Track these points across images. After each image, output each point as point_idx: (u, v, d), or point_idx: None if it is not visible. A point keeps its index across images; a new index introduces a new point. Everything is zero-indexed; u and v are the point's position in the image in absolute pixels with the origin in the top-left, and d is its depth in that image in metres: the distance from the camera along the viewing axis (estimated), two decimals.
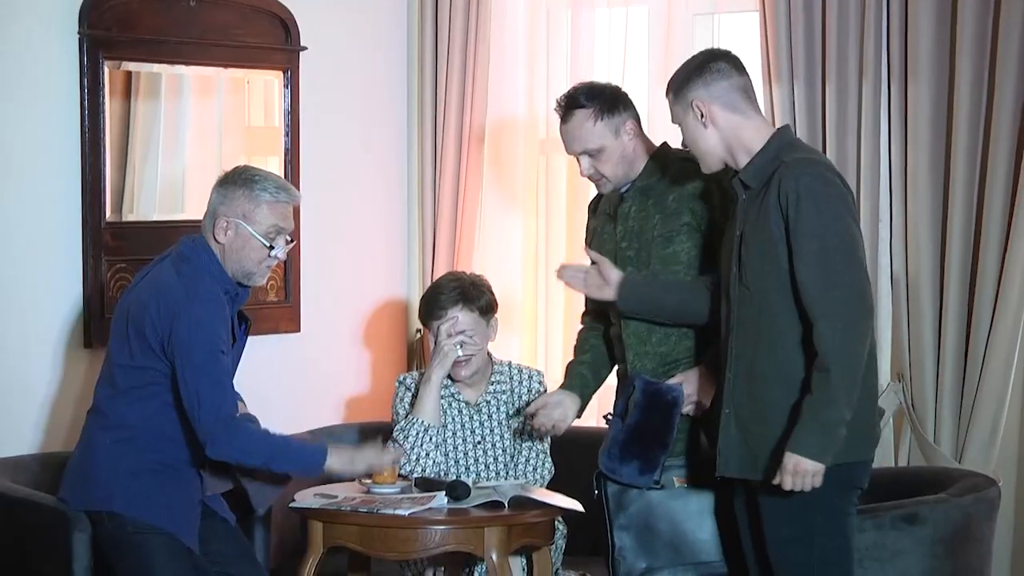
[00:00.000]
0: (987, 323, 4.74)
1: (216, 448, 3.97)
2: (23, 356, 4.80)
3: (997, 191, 4.71)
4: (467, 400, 4.68)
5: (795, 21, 4.98)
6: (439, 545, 4.20)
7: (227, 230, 4.07)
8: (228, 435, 3.97)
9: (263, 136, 5.52)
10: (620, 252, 4.19)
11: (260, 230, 4.07)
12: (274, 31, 5.40)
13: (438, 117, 5.76)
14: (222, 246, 4.09)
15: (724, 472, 3.81)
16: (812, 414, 3.61)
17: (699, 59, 3.87)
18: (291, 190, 4.17)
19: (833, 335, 3.59)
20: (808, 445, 3.61)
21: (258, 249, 4.09)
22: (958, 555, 4.28)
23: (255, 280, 4.15)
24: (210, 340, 3.99)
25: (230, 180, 4.11)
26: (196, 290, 4.02)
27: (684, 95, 3.81)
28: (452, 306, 4.59)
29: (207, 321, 4.00)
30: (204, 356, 3.97)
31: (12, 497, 4.30)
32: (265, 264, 4.12)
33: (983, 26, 4.73)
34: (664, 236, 4.13)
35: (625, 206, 4.20)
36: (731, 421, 3.78)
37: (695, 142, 3.84)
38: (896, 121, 4.88)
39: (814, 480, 3.62)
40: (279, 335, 5.38)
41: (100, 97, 4.90)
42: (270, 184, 4.10)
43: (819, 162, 3.73)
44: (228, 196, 4.08)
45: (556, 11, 5.67)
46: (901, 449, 4.97)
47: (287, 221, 4.13)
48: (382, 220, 5.83)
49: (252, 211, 4.07)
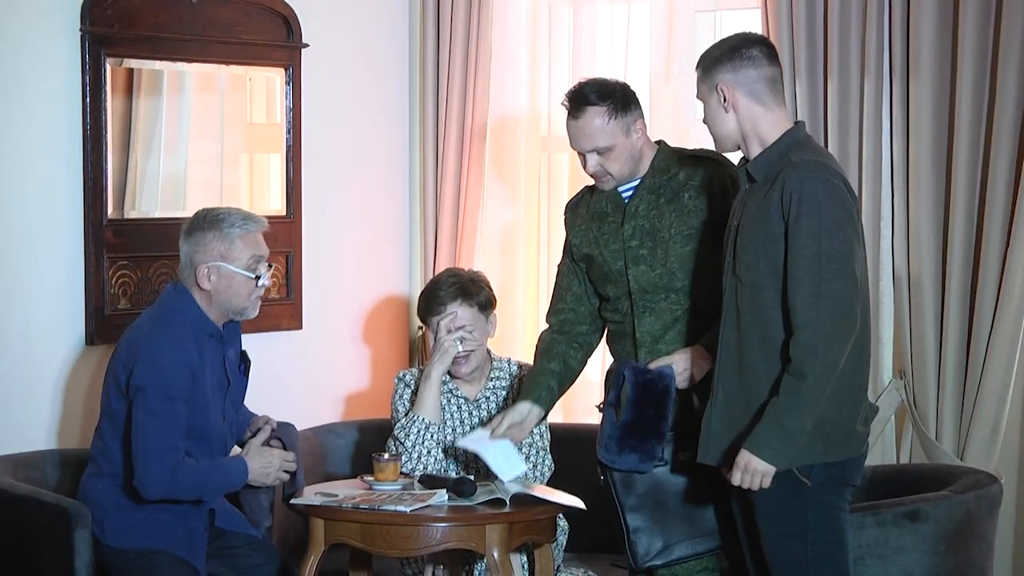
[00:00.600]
0: (989, 320, 4.74)
1: (150, 492, 4.08)
2: (25, 353, 4.80)
3: (999, 188, 4.71)
4: (466, 396, 4.68)
5: (797, 17, 4.97)
6: (440, 542, 4.20)
7: (209, 276, 4.18)
8: (169, 481, 4.07)
9: (265, 133, 5.52)
10: (630, 251, 4.17)
11: (241, 265, 4.18)
12: (276, 28, 5.40)
13: (440, 114, 5.76)
14: (207, 292, 4.19)
15: (704, 460, 3.82)
16: (775, 417, 3.63)
17: (734, 41, 3.84)
18: (257, 218, 4.26)
19: (810, 345, 3.59)
20: (764, 446, 3.63)
21: (244, 283, 4.19)
22: (960, 552, 4.28)
23: (248, 313, 4.25)
24: (165, 387, 4.08)
25: (197, 227, 4.20)
26: (160, 336, 4.13)
27: (712, 75, 3.80)
28: (451, 301, 4.59)
29: (166, 368, 4.09)
30: (157, 402, 4.08)
31: (14, 494, 4.30)
32: (254, 295, 4.23)
33: (985, 23, 4.73)
34: (682, 234, 4.13)
35: (634, 203, 4.18)
36: (715, 409, 3.78)
37: (713, 123, 3.83)
38: (898, 117, 4.88)
39: (763, 481, 3.64)
40: (281, 332, 5.38)
41: (102, 94, 4.90)
42: (236, 218, 4.20)
43: (826, 166, 3.70)
44: (200, 243, 4.18)
45: (558, 8, 5.67)
46: (903, 446, 4.97)
47: (262, 248, 4.23)
48: (384, 217, 5.83)
49: (228, 250, 4.17)
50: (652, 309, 4.18)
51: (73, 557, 4.13)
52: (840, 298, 3.61)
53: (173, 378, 4.09)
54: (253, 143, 5.54)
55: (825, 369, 3.59)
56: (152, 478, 4.07)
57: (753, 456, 3.64)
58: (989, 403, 4.75)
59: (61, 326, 4.88)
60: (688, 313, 4.15)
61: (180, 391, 4.10)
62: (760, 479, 3.65)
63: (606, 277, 4.24)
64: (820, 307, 3.59)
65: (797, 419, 3.61)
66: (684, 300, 4.15)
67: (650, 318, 4.17)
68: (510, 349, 5.41)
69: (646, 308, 4.18)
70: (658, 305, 4.17)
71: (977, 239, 4.78)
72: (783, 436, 3.62)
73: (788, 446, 3.62)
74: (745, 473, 3.66)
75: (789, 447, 3.62)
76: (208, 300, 4.20)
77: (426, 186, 5.80)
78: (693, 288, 4.14)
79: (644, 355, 4.17)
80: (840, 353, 3.61)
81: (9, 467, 4.48)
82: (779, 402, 3.63)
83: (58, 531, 4.15)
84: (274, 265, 4.29)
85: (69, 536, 4.13)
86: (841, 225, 3.63)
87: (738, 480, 3.67)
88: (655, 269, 4.15)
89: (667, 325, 4.16)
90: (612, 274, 4.22)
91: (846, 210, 3.66)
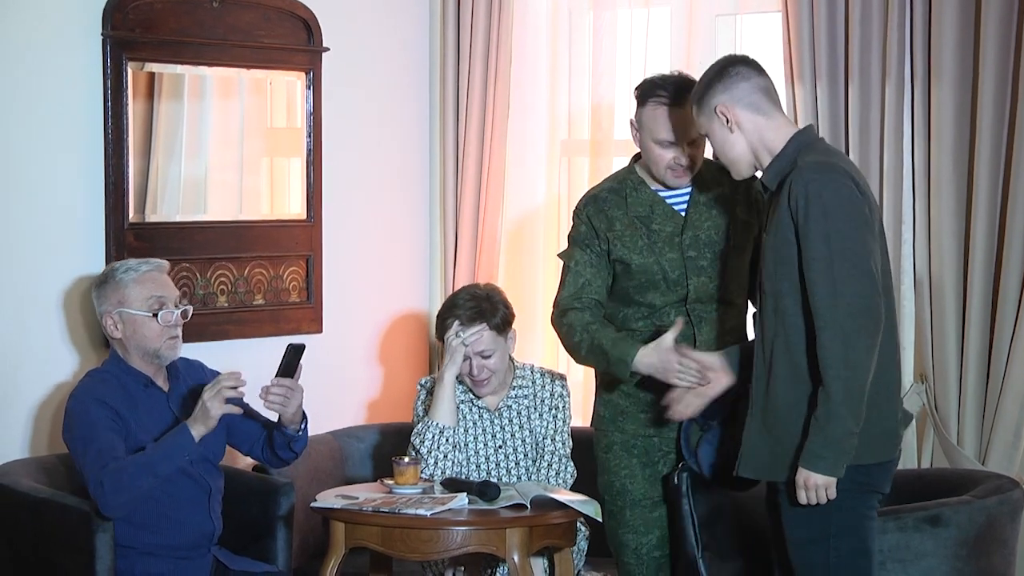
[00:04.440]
0: (1011, 325, 4.73)
1: (107, 505, 4.12)
2: (47, 356, 4.82)
3: (1020, 193, 4.69)
4: (487, 406, 4.67)
5: (818, 22, 4.97)
6: (461, 546, 4.20)
7: (116, 324, 4.32)
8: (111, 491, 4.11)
9: (285, 137, 5.53)
10: (689, 261, 4.17)
11: (139, 306, 4.30)
12: (296, 32, 5.41)
13: (460, 119, 5.76)
14: (121, 341, 4.33)
15: (743, 473, 3.81)
16: (818, 428, 3.62)
17: (716, 67, 3.86)
18: (150, 261, 4.40)
19: (835, 347, 3.58)
20: (816, 459, 3.62)
21: (147, 323, 4.31)
22: (981, 557, 4.26)
23: (164, 355, 4.35)
24: (81, 418, 4.21)
25: (97, 284, 4.38)
26: (75, 392, 4.28)
27: (707, 103, 3.81)
28: (468, 326, 4.57)
29: (77, 409, 4.23)
30: (81, 430, 4.20)
31: (36, 497, 4.31)
32: (165, 335, 4.32)
33: (1007, 28, 4.72)
34: (738, 247, 4.16)
35: (691, 213, 4.19)
36: (752, 423, 3.78)
37: (724, 150, 3.83)
38: (919, 123, 4.87)
39: (828, 493, 3.63)
40: (301, 336, 5.38)
41: (123, 98, 4.91)
42: (128, 265, 4.36)
43: (832, 166, 3.69)
44: (101, 296, 4.35)
45: (578, 12, 5.67)
46: (924, 451, 4.95)
47: (163, 288, 4.35)
48: (404, 219, 5.83)
49: (124, 294, 4.31)
50: (707, 319, 4.20)
51: (94, 560, 4.14)
52: (858, 296, 3.59)
53: (87, 413, 4.21)
54: (273, 147, 5.55)
55: (853, 370, 3.58)
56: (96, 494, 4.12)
57: (810, 472, 3.63)
58: (1011, 407, 4.74)
59: (83, 329, 4.89)
60: (734, 322, 4.21)
61: (92, 410, 4.21)
62: (823, 492, 3.63)
63: (653, 285, 4.21)
64: (838, 309, 3.58)
65: (839, 424, 3.59)
66: (733, 311, 4.21)
67: (706, 327, 4.19)
68: (530, 355, 5.41)
69: (702, 319, 4.20)
70: (710, 316, 4.19)
71: (999, 243, 4.76)
72: (830, 444, 3.60)
73: (837, 454, 3.60)
74: (807, 490, 3.64)
75: (838, 454, 3.60)
76: (125, 349, 4.34)
77: (446, 191, 5.81)
78: (738, 300, 4.20)
79: None
80: (865, 352, 3.59)
81: (31, 470, 4.49)
82: (818, 412, 3.62)
83: (79, 534, 4.15)
84: (189, 306, 4.40)
85: (90, 539, 4.14)
86: (851, 223, 3.62)
87: (804, 499, 3.65)
88: (713, 281, 4.17)
89: (719, 335, 4.18)
90: (667, 283, 4.20)
91: (854, 208, 3.63)
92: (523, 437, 4.67)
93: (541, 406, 4.68)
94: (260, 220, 5.38)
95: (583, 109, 5.62)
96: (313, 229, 5.45)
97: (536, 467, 4.64)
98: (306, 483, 4.87)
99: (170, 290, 4.36)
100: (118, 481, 4.11)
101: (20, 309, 4.77)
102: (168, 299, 4.33)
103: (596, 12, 5.56)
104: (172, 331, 4.32)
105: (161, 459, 4.16)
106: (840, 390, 3.58)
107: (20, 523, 4.34)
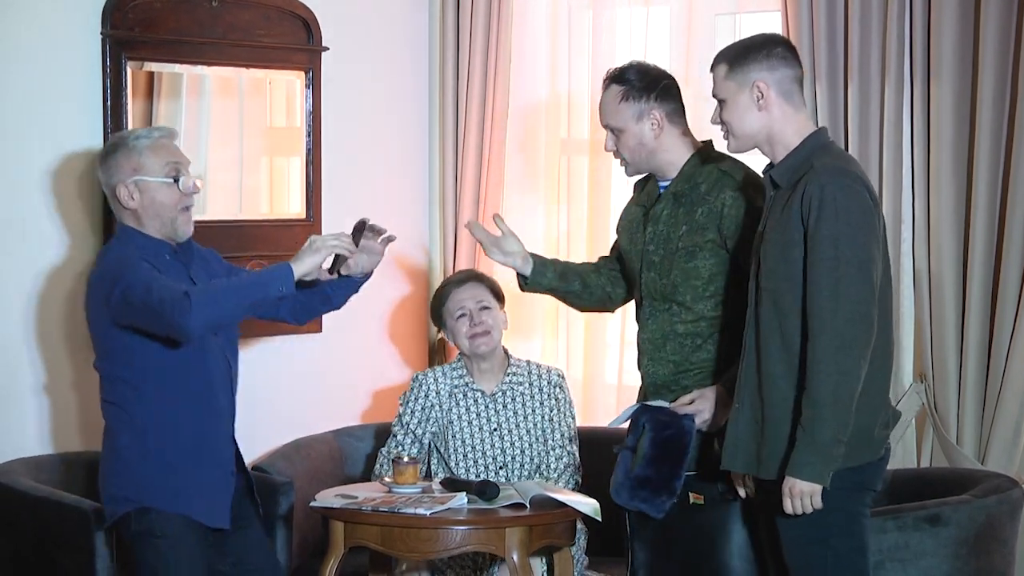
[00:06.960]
0: (1010, 323, 4.73)
1: (190, 320, 3.77)
2: (46, 355, 4.82)
3: (1020, 191, 4.69)
4: (483, 389, 4.73)
5: (817, 21, 4.97)
6: (460, 545, 4.21)
7: (131, 194, 3.99)
8: (198, 304, 3.78)
9: (285, 137, 5.53)
10: (646, 255, 4.15)
11: (157, 173, 3.99)
12: (296, 31, 5.40)
13: (459, 118, 5.76)
14: (135, 212, 4.00)
15: (729, 467, 3.79)
16: (803, 434, 3.59)
17: (760, 40, 3.80)
18: (161, 126, 4.15)
19: (826, 352, 3.56)
20: (803, 466, 3.59)
21: (166, 191, 3.99)
22: (981, 556, 4.27)
23: (181, 229, 4.03)
24: (132, 270, 3.87)
25: (105, 154, 4.04)
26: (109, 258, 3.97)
27: (745, 72, 3.74)
28: (461, 285, 4.78)
29: (120, 268, 3.90)
30: (137, 275, 3.86)
31: (36, 497, 4.32)
32: (181, 205, 4.01)
33: (1006, 26, 4.72)
34: (688, 249, 4.07)
35: (658, 208, 4.15)
36: (740, 416, 3.76)
37: (740, 120, 3.77)
38: (919, 121, 4.87)
39: (813, 501, 3.61)
40: (300, 335, 5.38)
41: (123, 97, 4.91)
42: (140, 132, 4.05)
43: (848, 171, 3.67)
44: (112, 166, 4.01)
45: (577, 11, 5.67)
46: (923, 450, 4.95)
47: (176, 154, 4.05)
48: (404, 220, 5.82)
49: (139, 162, 3.99)
50: (656, 317, 4.15)
51: (94, 558, 4.15)
52: (858, 302, 3.58)
53: (138, 270, 3.88)
54: (273, 146, 5.55)
55: (842, 375, 3.56)
56: (178, 310, 3.76)
57: (796, 479, 3.60)
58: (1010, 406, 4.74)
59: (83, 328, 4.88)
60: (688, 327, 4.10)
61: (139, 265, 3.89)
62: (809, 499, 3.61)
63: (633, 273, 4.23)
64: (838, 312, 3.57)
65: (826, 430, 3.56)
66: (685, 313, 4.09)
67: (653, 325, 4.15)
68: (529, 352, 5.41)
69: (651, 315, 4.16)
70: (657, 313, 4.13)
71: (998, 242, 4.76)
72: (817, 450, 3.57)
73: (825, 460, 3.57)
74: (793, 498, 3.62)
75: (824, 461, 3.57)
76: (139, 220, 4.00)
77: (445, 189, 5.81)
78: (693, 303, 4.08)
79: (647, 361, 4.14)
80: (857, 359, 3.58)
81: (31, 469, 4.50)
82: (804, 417, 3.60)
83: (79, 533, 4.16)
84: (200, 179, 4.11)
85: (90, 538, 4.14)
86: (861, 230, 3.61)
87: (790, 507, 3.62)
88: (661, 279, 4.12)
89: (667, 334, 4.11)
90: (634, 273, 4.21)
91: (866, 215, 3.62)
92: (518, 422, 4.72)
93: (540, 394, 4.74)
94: (259, 219, 5.38)
95: (583, 108, 5.62)
96: (313, 228, 5.44)
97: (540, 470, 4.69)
98: (305, 482, 4.87)
99: (183, 157, 4.05)
100: (205, 295, 3.80)
101: (20, 308, 4.77)
102: (183, 165, 4.05)
103: (596, 11, 5.56)
104: (188, 200, 4.03)
105: (253, 284, 3.91)
106: (828, 394, 3.55)
107: (20, 522, 4.35)
